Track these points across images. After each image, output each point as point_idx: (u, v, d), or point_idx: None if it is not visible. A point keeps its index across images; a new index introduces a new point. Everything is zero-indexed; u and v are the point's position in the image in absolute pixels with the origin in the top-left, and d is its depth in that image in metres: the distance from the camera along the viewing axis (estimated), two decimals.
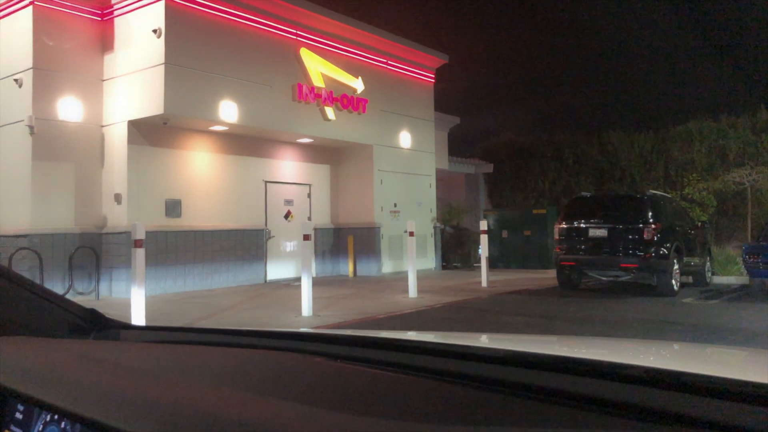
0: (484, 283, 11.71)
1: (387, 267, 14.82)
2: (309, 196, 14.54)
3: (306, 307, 8.14)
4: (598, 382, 0.78)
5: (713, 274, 12.79)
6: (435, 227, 16.33)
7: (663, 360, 1.17)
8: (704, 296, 10.44)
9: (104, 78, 11.28)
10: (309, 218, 14.11)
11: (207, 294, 10.95)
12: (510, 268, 16.31)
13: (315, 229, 13.94)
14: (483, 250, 12.06)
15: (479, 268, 12.22)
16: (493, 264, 14.97)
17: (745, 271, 10.74)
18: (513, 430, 0.65)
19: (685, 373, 0.81)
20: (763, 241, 11.21)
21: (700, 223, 13.12)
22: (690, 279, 11.91)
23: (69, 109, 10.81)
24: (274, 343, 1.25)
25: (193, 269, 11.63)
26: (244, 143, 12.85)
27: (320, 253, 14.48)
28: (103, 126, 11.21)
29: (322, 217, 14.82)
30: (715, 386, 0.70)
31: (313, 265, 12.48)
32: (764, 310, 8.89)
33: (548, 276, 12.97)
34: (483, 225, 12.23)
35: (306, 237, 8.32)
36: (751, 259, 10.48)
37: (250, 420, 0.73)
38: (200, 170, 12.08)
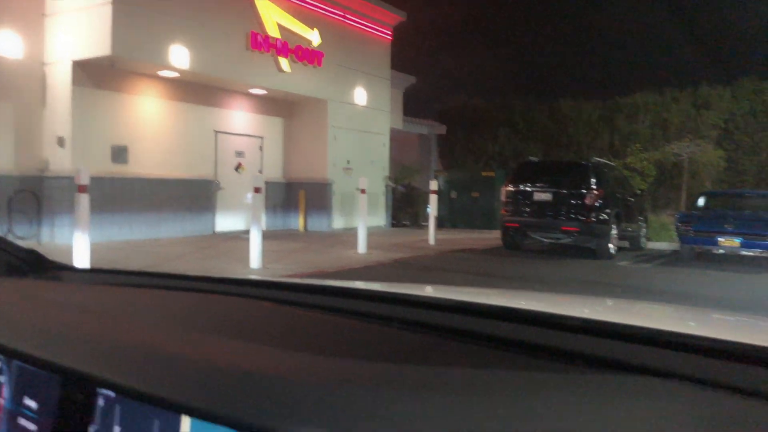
0: (431, 241, 11.97)
1: (338, 223, 14.92)
2: (261, 149, 14.38)
3: (255, 258, 8.17)
4: (538, 330, 0.81)
5: (648, 239, 13.43)
6: (387, 186, 16.46)
7: (598, 313, 1.23)
8: (639, 260, 10.99)
9: (46, 13, 10.74)
10: (260, 171, 14.00)
11: (153, 243, 10.82)
12: (457, 228, 16.68)
13: (266, 183, 13.84)
14: (432, 210, 12.29)
15: (427, 226, 12.47)
16: (441, 224, 15.26)
17: (677, 238, 11.32)
18: (459, 371, 0.67)
19: (618, 323, 0.89)
20: (696, 210, 11.80)
21: (639, 191, 13.69)
22: (627, 244, 12.48)
23: (6, 43, 10.28)
24: (223, 288, 1.20)
25: (139, 218, 11.43)
26: (196, 91, 12.54)
27: (271, 207, 14.42)
28: (45, 64, 10.72)
29: (274, 171, 14.71)
30: (646, 335, 0.76)
31: (264, 218, 12.46)
32: (692, 274, 9.46)
33: (493, 237, 13.35)
34: (433, 185, 12.43)
35: (257, 190, 8.30)
36: (683, 227, 11.03)
37: (205, 357, 0.71)
38: (149, 117, 11.76)
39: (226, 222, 13.31)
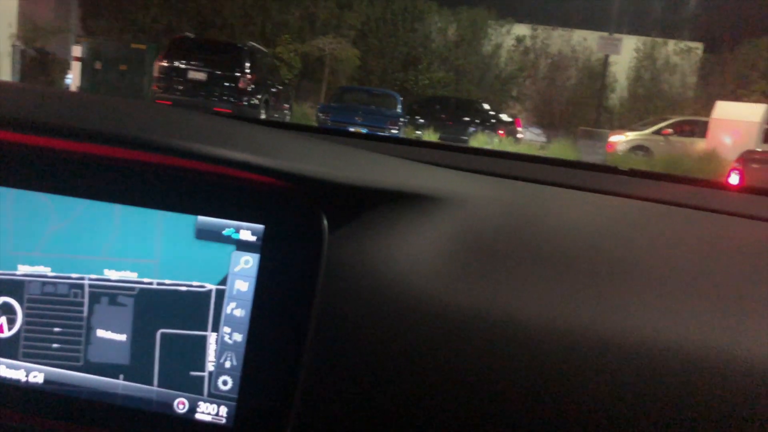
0: None
1: None
2: None
3: None
4: None
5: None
6: (14, 46, 14.21)
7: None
8: None
9: None
10: None
11: None
12: None
13: None
14: (74, 79, 11.24)
15: None
16: None
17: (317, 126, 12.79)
18: None
19: None
20: (334, 103, 13.40)
21: (286, 81, 14.73)
22: None
23: None
24: None
25: None
26: None
27: None
28: None
29: None
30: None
31: None
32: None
33: None
34: (76, 51, 11.30)
35: None
36: (323, 117, 12.46)
37: None
38: None
39: None
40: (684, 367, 0.56)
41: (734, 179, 5.35)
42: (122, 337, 0.63)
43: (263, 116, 11.67)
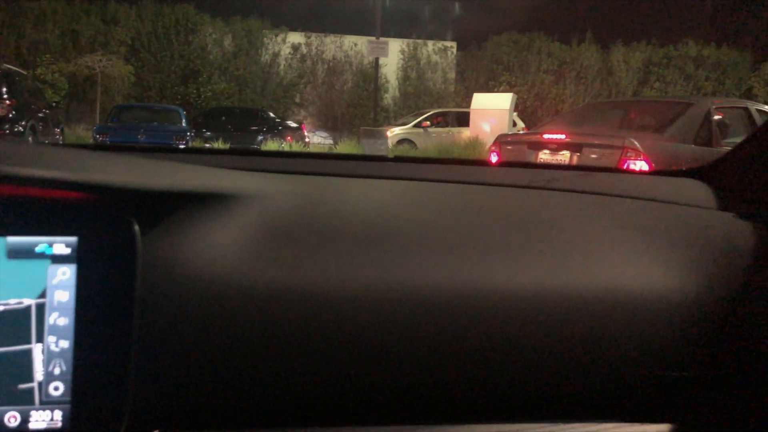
0: None
1: None
2: None
3: None
4: None
5: None
6: None
7: None
8: None
9: None
10: None
11: None
12: None
13: None
14: None
15: None
16: None
17: None
18: None
19: None
20: (111, 123, 12.77)
21: (54, 104, 13.68)
22: None
23: None
24: None
25: None
26: None
27: None
28: None
29: None
30: None
31: None
32: None
33: None
34: None
35: None
36: (101, 138, 11.83)
37: None
38: None
39: None
40: (464, 303, 0.71)
41: (494, 159, 5.95)
42: None
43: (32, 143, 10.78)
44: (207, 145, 14.68)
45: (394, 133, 16.09)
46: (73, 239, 0.64)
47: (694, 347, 0.77)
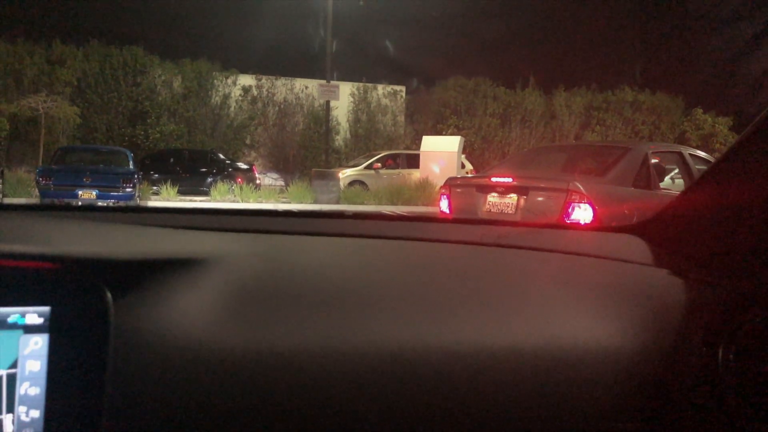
0: None
1: None
2: None
3: None
4: None
5: (5, 195, 13.16)
6: None
7: None
8: None
9: None
10: None
11: None
12: None
13: None
14: None
15: None
16: None
17: (38, 193, 11.51)
18: None
19: None
20: (55, 165, 12.31)
21: None
22: None
23: None
24: None
25: None
26: None
27: None
28: None
29: None
30: None
31: None
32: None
33: None
34: None
35: None
36: (44, 182, 11.33)
37: None
38: None
39: None
40: (418, 360, 0.74)
41: (444, 204, 5.98)
42: None
43: None
44: (154, 188, 14.41)
45: (345, 174, 16.18)
46: (45, 309, 0.64)
47: (635, 399, 0.80)
